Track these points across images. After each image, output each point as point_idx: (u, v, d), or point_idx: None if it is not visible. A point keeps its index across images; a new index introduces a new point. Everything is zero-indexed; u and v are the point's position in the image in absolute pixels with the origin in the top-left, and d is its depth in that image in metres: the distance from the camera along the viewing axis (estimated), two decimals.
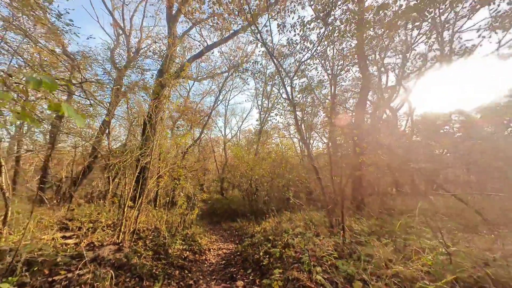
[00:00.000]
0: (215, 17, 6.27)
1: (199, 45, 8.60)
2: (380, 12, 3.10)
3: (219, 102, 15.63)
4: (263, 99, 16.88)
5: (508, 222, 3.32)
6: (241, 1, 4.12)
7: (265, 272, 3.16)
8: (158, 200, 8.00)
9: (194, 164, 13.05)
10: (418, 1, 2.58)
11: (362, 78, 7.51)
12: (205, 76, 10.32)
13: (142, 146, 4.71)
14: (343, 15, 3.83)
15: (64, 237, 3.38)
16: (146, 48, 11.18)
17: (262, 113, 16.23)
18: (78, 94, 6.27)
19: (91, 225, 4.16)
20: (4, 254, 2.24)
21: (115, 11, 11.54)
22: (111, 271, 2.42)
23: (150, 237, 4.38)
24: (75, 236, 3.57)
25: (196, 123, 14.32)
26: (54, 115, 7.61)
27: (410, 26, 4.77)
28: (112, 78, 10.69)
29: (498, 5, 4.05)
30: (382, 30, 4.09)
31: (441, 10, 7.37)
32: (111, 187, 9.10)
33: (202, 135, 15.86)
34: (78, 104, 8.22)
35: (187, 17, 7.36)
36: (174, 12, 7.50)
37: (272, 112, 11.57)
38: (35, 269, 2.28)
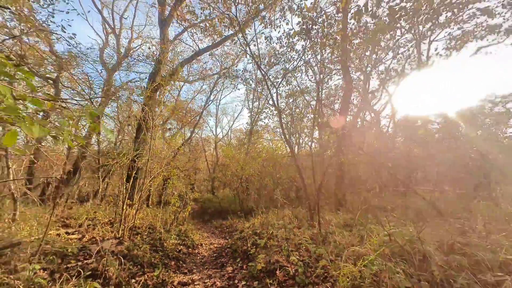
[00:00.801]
0: (207, 24, 6.65)
1: (192, 50, 8.92)
2: (352, 37, 3.67)
3: (210, 102, 15.93)
4: (254, 100, 17.34)
5: (455, 212, 4.03)
6: (231, 17, 4.55)
7: (252, 259, 3.66)
8: (150, 199, 8.30)
9: (186, 164, 13.32)
10: (371, 36, 3.15)
11: (344, 84, 8.17)
12: (196, 78, 10.63)
13: (138, 148, 5.05)
14: (322, 32, 4.38)
15: (67, 233, 3.71)
16: (137, 48, 11.30)
17: (252, 113, 16.69)
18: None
19: (90, 222, 4.48)
20: (26, 246, 2.59)
21: (104, 9, 11.55)
22: (120, 257, 2.83)
23: (146, 233, 4.76)
24: (77, 232, 3.90)
25: (186, 123, 14.55)
26: (40, 114, 7.69)
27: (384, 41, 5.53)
28: (102, 78, 10.75)
29: (452, 29, 4.76)
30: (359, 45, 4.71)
31: (419, 24, 8.32)
32: (100, 187, 9.28)
33: (193, 135, 16.09)
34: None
35: (179, 21, 7.67)
36: (166, 16, 7.78)
37: (261, 115, 12.06)
38: (50, 258, 2.65)
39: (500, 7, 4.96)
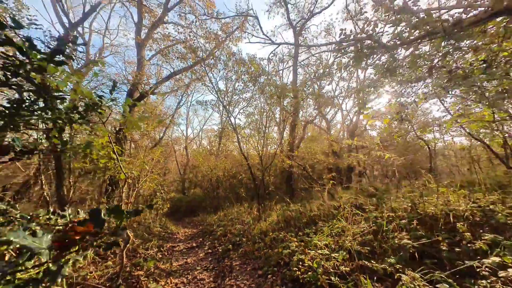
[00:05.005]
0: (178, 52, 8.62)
1: (168, 70, 10.69)
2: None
3: (181, 105, 17.51)
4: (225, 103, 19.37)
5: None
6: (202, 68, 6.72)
7: (215, 233, 6.07)
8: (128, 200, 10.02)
9: (157, 165, 14.88)
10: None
11: (294, 103, 10.97)
12: (169, 91, 12.34)
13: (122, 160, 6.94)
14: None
15: None
16: (109, 55, 12.42)
17: (223, 115, 18.73)
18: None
19: None
20: None
21: (71, 13, 12.33)
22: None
23: (137, 223, 6.79)
24: None
25: (157, 125, 15.96)
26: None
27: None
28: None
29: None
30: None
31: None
32: (71, 192, 10.64)
33: (164, 136, 17.49)
34: None
35: (155, 43, 9.45)
36: (143, 37, 9.47)
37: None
38: None
39: None
